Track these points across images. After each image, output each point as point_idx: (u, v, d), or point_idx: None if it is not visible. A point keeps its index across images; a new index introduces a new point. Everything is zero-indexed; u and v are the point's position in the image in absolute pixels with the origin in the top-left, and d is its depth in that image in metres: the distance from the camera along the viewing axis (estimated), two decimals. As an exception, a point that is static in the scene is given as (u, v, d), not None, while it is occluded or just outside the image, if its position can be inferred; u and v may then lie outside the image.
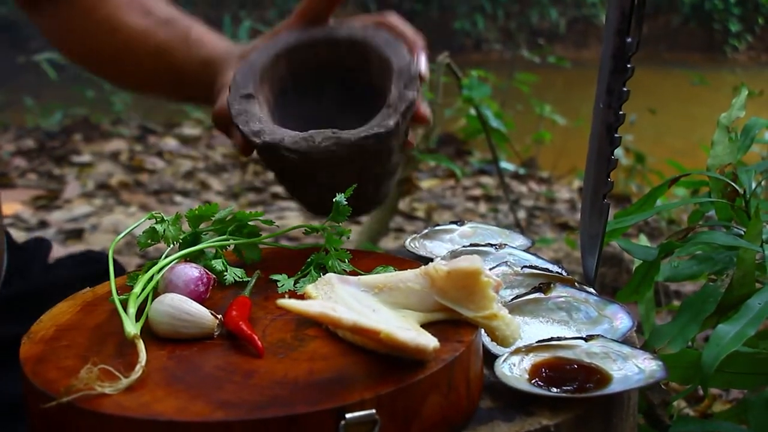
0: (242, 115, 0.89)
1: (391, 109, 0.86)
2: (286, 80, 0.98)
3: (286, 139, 0.84)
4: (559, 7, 12.05)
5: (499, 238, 1.02)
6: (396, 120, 0.85)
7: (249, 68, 0.94)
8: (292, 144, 0.84)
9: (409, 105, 0.86)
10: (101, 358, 0.65)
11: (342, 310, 0.62)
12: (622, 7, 0.80)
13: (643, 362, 0.72)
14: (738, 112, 1.12)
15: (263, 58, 0.96)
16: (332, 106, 1.00)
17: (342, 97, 1.00)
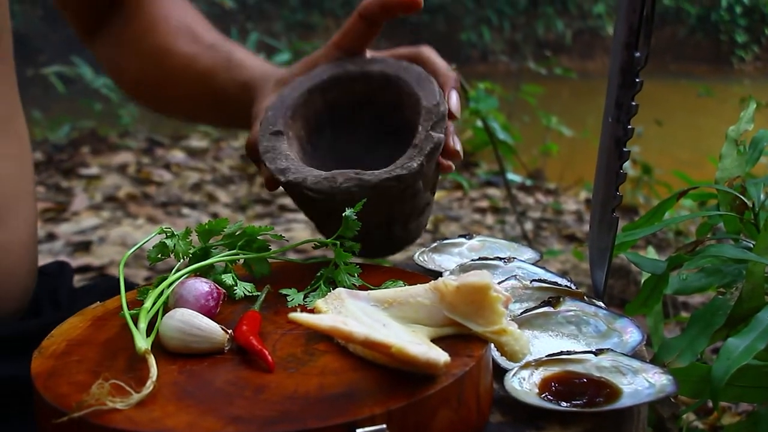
0: (270, 152, 0.90)
1: (416, 150, 0.86)
2: (321, 115, 0.99)
3: (309, 179, 0.85)
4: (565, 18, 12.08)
5: (508, 251, 1.02)
6: (420, 161, 0.85)
7: (281, 104, 0.95)
8: (314, 184, 0.85)
9: (434, 146, 0.86)
10: (112, 373, 0.65)
11: (353, 324, 0.62)
12: (630, 22, 0.80)
13: (653, 376, 0.72)
14: (746, 124, 1.12)
15: (295, 93, 0.97)
16: (367, 141, 1.01)
17: (377, 131, 1.00)
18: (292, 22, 11.44)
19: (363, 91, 0.98)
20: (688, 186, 2.91)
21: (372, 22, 0.96)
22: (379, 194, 0.84)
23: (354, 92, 0.98)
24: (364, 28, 0.97)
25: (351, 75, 0.98)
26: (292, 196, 0.91)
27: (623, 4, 0.81)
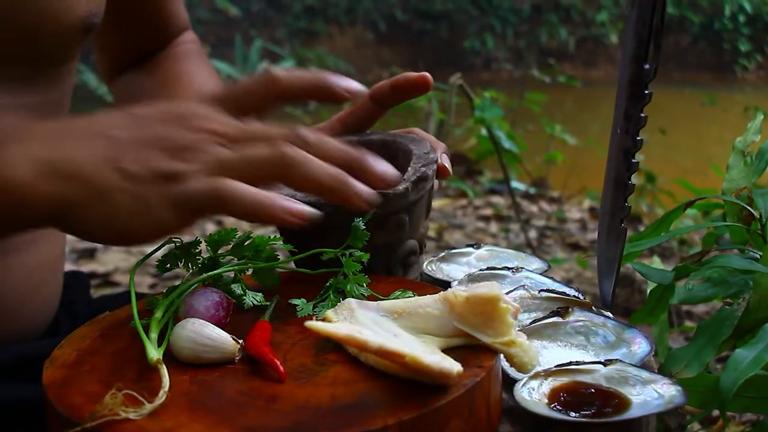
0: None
1: (404, 180, 0.87)
2: None
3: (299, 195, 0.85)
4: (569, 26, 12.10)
5: (515, 261, 1.02)
6: (405, 186, 0.86)
7: None
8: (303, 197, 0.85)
9: (421, 176, 0.88)
10: (123, 383, 0.65)
11: (368, 333, 0.63)
12: (639, 34, 0.81)
13: (662, 387, 0.72)
14: (753, 135, 1.13)
15: None
16: None
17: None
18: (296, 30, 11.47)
19: None
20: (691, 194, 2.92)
21: (381, 104, 0.97)
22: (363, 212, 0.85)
23: None
24: (373, 109, 0.98)
25: (352, 141, 1.00)
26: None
27: (632, 16, 0.81)
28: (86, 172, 0.67)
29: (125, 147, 0.68)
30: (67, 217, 0.67)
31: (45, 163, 0.66)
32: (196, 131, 0.71)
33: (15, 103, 0.91)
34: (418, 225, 0.92)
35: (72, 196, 0.66)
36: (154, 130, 0.71)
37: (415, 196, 0.88)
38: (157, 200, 0.67)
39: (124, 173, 0.67)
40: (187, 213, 0.69)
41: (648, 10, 0.80)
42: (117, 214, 0.67)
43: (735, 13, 11.97)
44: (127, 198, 0.66)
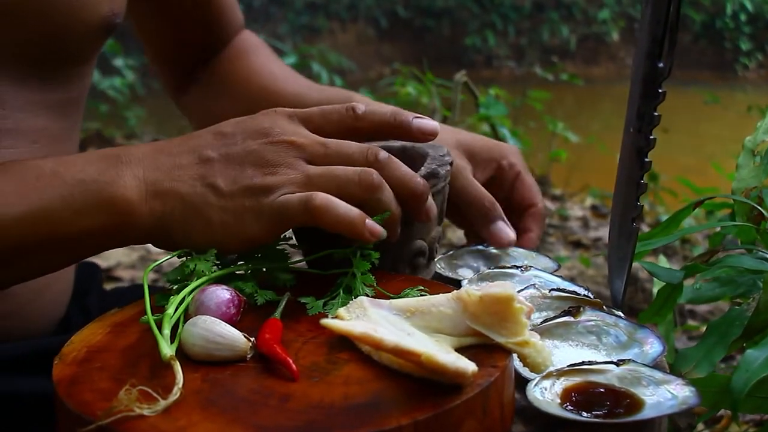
0: None
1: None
2: None
3: None
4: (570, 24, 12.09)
5: (525, 260, 1.02)
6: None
7: None
8: None
9: (431, 172, 0.88)
10: (136, 380, 0.65)
11: (383, 332, 0.62)
12: (653, 32, 0.80)
13: (675, 388, 0.72)
14: (763, 135, 1.12)
15: None
16: None
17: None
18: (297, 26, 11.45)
19: None
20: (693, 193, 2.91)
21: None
22: None
23: None
24: None
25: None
26: None
27: (646, 15, 0.81)
28: (183, 191, 0.74)
29: (216, 165, 0.75)
30: (165, 232, 0.76)
31: (149, 184, 0.74)
32: (284, 146, 0.76)
33: (36, 101, 0.92)
34: (428, 226, 0.91)
35: (170, 213, 0.74)
36: (243, 146, 0.76)
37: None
38: (249, 213, 0.74)
39: (216, 190, 0.74)
40: (276, 223, 0.76)
41: (662, 8, 0.79)
42: (211, 228, 0.75)
43: (736, 12, 11.95)
44: (220, 213, 0.74)
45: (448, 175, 0.91)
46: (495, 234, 0.99)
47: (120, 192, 0.74)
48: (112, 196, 0.74)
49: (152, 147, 0.77)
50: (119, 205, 0.74)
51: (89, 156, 0.76)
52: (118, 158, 0.76)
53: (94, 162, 0.75)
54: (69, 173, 0.75)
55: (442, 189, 0.91)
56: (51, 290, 1.01)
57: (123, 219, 0.74)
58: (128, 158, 0.75)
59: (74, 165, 0.75)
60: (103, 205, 0.73)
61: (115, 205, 0.74)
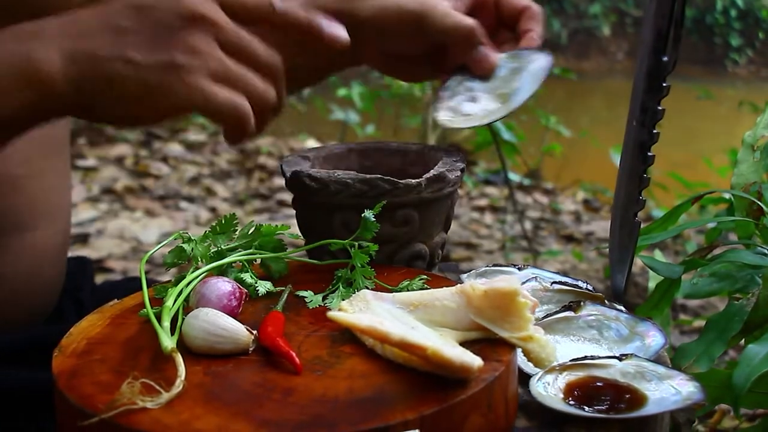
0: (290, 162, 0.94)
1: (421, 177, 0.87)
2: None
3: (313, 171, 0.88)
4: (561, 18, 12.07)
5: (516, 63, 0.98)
6: (419, 181, 0.86)
7: (321, 149, 1.00)
8: (315, 173, 0.87)
9: (438, 176, 0.88)
10: (137, 372, 0.64)
11: (389, 325, 0.62)
12: (658, 26, 0.80)
13: (678, 383, 0.72)
14: (762, 130, 1.12)
15: (337, 147, 1.02)
16: None
17: None
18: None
19: (398, 164, 1.00)
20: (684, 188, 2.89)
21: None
22: (372, 195, 0.85)
23: (390, 165, 1.00)
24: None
25: (391, 148, 1.02)
26: (293, 190, 0.91)
27: (651, 8, 0.80)
28: (99, 54, 0.73)
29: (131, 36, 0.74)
30: (86, 102, 0.75)
31: (64, 52, 0.73)
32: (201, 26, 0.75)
33: None
34: (431, 230, 0.90)
35: (89, 80, 0.73)
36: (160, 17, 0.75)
37: (429, 195, 0.87)
38: (163, 89, 0.73)
39: (131, 61, 0.73)
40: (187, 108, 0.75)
41: (668, 2, 0.79)
42: (125, 98, 0.74)
43: (727, 8, 11.97)
44: (134, 84, 0.73)
45: (458, 180, 0.91)
46: (478, 59, 0.95)
47: (36, 66, 0.73)
48: (30, 71, 0.73)
49: (66, 18, 0.76)
50: (37, 77, 0.73)
51: (3, 35, 0.75)
52: (33, 33, 0.75)
53: (10, 40, 0.74)
54: None
55: (450, 194, 0.90)
56: (42, 276, 1.00)
57: (44, 91, 0.73)
58: (43, 31, 0.75)
59: None
60: (23, 82, 0.73)
61: (33, 78, 0.73)
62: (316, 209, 0.89)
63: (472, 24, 0.92)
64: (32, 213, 0.96)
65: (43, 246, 0.99)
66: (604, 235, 3.46)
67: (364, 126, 4.75)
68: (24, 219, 0.95)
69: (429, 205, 0.88)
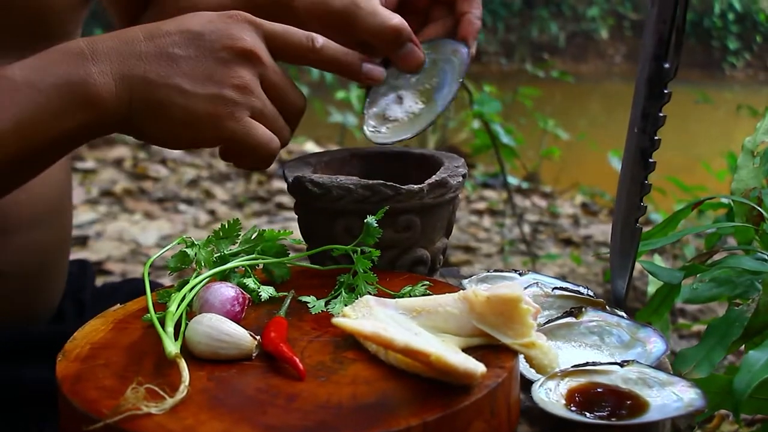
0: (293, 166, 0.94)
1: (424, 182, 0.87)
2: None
3: (315, 176, 0.88)
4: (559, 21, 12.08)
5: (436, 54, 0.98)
6: (422, 186, 0.86)
7: (322, 154, 1.01)
8: (317, 178, 0.87)
9: (440, 182, 0.88)
10: (141, 377, 0.64)
11: (393, 331, 0.62)
12: (659, 33, 0.80)
13: (680, 390, 0.72)
14: (762, 136, 1.12)
15: (339, 152, 1.02)
16: None
17: None
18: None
19: (399, 169, 0.99)
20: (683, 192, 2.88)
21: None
22: (374, 201, 0.85)
23: (391, 169, 1.00)
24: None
25: (392, 153, 1.02)
26: (295, 196, 0.91)
27: (652, 14, 0.81)
28: (150, 77, 0.77)
29: (182, 64, 0.78)
30: (134, 123, 0.78)
31: (116, 77, 0.76)
32: (247, 64, 0.80)
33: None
34: (432, 236, 0.91)
35: (138, 101, 0.77)
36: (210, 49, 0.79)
37: (431, 201, 0.87)
38: (209, 120, 0.78)
39: (180, 89, 0.77)
40: (226, 140, 0.80)
41: (669, 8, 0.79)
42: (172, 124, 0.78)
43: (724, 11, 11.99)
44: (181, 112, 0.77)
45: (460, 186, 0.91)
46: (405, 57, 0.94)
47: (92, 90, 0.75)
48: (86, 95, 0.75)
49: (118, 40, 0.79)
50: (93, 101, 0.75)
51: (53, 56, 0.77)
52: (83, 55, 0.77)
53: (61, 63, 0.76)
54: (40, 79, 0.75)
55: (452, 199, 0.90)
56: (46, 275, 1.00)
57: (98, 113, 0.76)
58: (94, 54, 0.77)
59: (42, 70, 0.76)
60: (78, 105, 0.75)
61: (89, 102, 0.75)
62: (318, 214, 0.89)
63: (397, 24, 0.92)
64: (34, 212, 0.96)
65: (45, 245, 0.99)
66: (603, 239, 3.47)
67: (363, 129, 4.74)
68: (26, 218, 0.95)
69: (431, 211, 0.88)
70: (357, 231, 0.83)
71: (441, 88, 0.95)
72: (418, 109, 0.95)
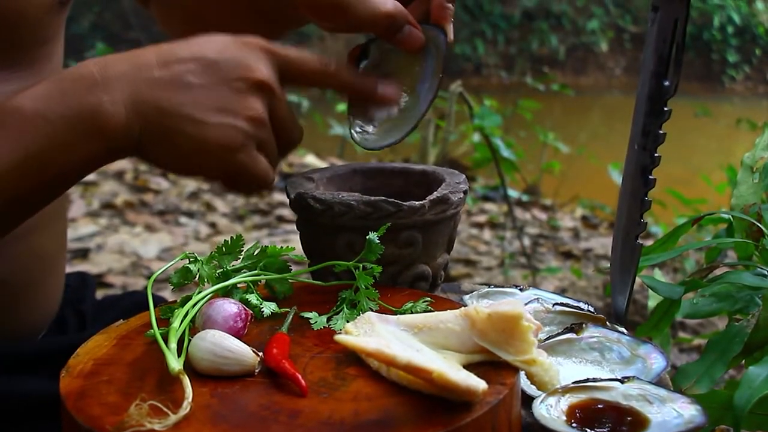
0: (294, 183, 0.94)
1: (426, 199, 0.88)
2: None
3: (317, 192, 0.89)
4: (560, 34, 12.12)
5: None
6: (423, 203, 0.87)
7: (325, 169, 1.01)
8: (320, 195, 0.88)
9: (441, 198, 0.88)
10: (144, 393, 0.64)
11: (396, 348, 0.62)
12: (659, 51, 0.81)
13: (681, 406, 0.72)
14: (761, 151, 1.13)
15: (341, 168, 1.02)
16: None
17: None
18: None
19: (401, 185, 1.01)
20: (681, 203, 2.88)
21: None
22: (376, 217, 0.86)
23: (392, 186, 1.01)
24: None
25: (394, 169, 1.03)
26: (297, 212, 0.92)
27: (652, 33, 0.81)
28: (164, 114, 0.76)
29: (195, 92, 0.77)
30: (144, 149, 0.78)
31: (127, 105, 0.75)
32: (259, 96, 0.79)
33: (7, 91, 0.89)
34: (434, 252, 0.91)
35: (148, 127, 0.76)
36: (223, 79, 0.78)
37: (432, 217, 0.88)
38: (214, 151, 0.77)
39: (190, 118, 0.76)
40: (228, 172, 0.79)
41: (669, 27, 0.80)
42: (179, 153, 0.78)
43: (723, 24, 12.02)
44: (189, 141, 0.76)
45: (461, 202, 0.91)
46: (405, 41, 0.92)
47: (102, 120, 0.75)
48: (96, 126, 0.74)
49: (130, 64, 0.78)
50: (103, 132, 0.75)
51: (64, 84, 0.76)
52: (94, 83, 0.76)
53: (72, 92, 0.75)
54: (50, 110, 0.74)
55: (453, 216, 0.91)
56: (42, 285, 1.00)
57: (107, 143, 0.76)
58: (105, 80, 0.76)
59: (52, 99, 0.75)
60: (88, 136, 0.75)
61: (99, 133, 0.75)
62: (320, 230, 0.89)
63: (391, 9, 0.90)
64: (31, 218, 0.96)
65: (41, 251, 0.99)
66: (603, 252, 3.47)
67: (363, 142, 4.76)
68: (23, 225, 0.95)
69: (432, 227, 0.89)
70: (359, 247, 0.84)
71: (423, 81, 0.93)
72: (403, 102, 0.92)
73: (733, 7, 11.91)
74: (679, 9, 0.79)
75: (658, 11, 0.80)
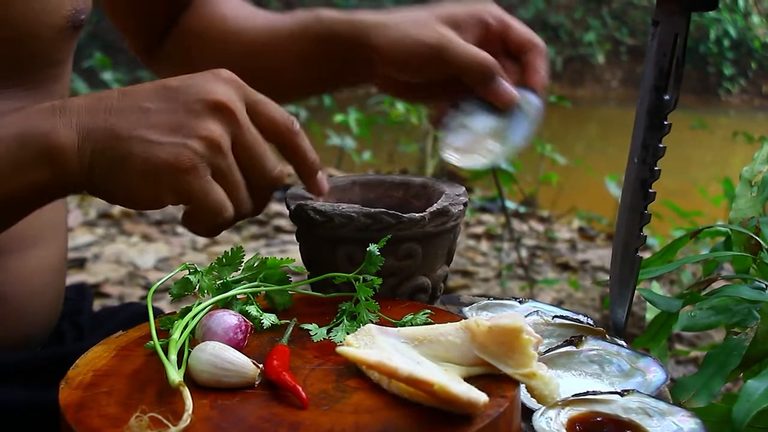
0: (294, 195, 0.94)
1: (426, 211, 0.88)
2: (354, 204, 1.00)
3: (318, 204, 0.88)
4: (556, 46, 12.15)
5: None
6: (424, 215, 0.87)
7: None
8: (320, 206, 0.88)
9: (441, 210, 0.88)
10: (144, 405, 0.64)
11: (397, 360, 0.62)
12: (659, 65, 0.81)
13: (680, 420, 0.72)
14: (760, 165, 1.13)
15: (341, 179, 1.02)
16: None
17: None
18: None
19: (401, 198, 1.01)
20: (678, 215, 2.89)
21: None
22: (376, 229, 0.86)
23: (392, 197, 1.01)
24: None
25: (394, 181, 1.02)
26: (297, 223, 0.92)
27: (652, 47, 0.82)
28: (117, 139, 0.74)
29: (152, 116, 0.75)
30: (95, 180, 0.75)
31: (81, 129, 0.74)
32: (220, 124, 0.75)
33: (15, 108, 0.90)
34: (434, 264, 0.91)
35: (102, 160, 0.74)
36: (183, 104, 0.75)
37: (432, 229, 0.88)
38: (167, 175, 0.73)
39: (144, 140, 0.73)
40: (183, 198, 0.75)
41: (669, 42, 0.80)
42: (132, 177, 0.74)
43: (720, 38, 12.07)
44: (143, 164, 0.73)
45: (461, 214, 0.92)
46: (497, 91, 0.95)
47: (54, 140, 0.73)
48: (49, 146, 0.73)
49: (91, 96, 0.77)
50: (53, 153, 0.73)
51: (28, 112, 0.76)
52: (54, 110, 0.75)
53: (32, 116, 0.75)
54: (5, 131, 0.74)
55: (453, 228, 0.91)
56: (41, 296, 1.00)
57: (59, 166, 0.74)
58: (64, 109, 0.76)
59: (10, 123, 0.75)
60: (39, 156, 0.73)
61: (50, 153, 0.74)
62: (320, 242, 0.89)
63: (490, 58, 0.93)
64: (29, 232, 0.96)
65: (41, 265, 0.99)
66: (600, 264, 3.47)
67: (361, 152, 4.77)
68: (21, 238, 0.95)
69: (432, 239, 0.89)
70: (359, 259, 0.84)
71: (515, 131, 0.96)
72: (494, 146, 0.96)
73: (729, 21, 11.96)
74: (679, 24, 0.80)
75: (659, 26, 0.81)
